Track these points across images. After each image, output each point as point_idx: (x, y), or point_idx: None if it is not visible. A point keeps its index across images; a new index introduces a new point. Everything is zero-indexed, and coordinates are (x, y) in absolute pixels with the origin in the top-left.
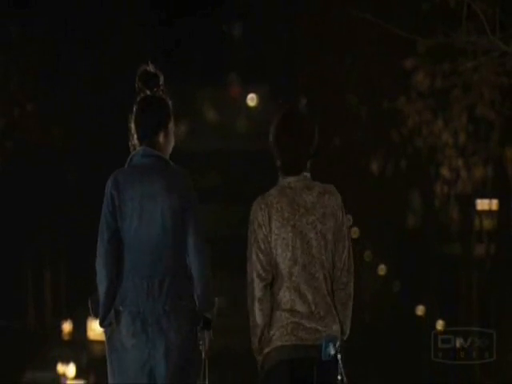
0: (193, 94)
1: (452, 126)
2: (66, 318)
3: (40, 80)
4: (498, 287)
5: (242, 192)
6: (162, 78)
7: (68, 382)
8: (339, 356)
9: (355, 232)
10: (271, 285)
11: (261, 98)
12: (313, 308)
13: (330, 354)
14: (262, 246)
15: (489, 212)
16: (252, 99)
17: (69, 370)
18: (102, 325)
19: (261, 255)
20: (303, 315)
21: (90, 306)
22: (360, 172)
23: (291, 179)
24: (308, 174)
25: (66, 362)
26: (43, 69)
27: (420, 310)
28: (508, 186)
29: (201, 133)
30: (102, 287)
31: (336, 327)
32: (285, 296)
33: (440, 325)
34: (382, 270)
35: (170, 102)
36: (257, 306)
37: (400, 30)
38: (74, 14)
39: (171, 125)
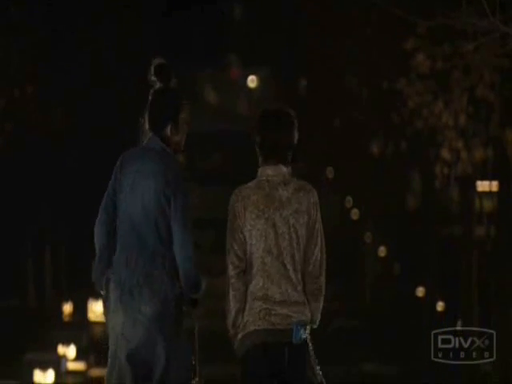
0: (193, 75)
1: (452, 108)
2: (66, 300)
3: (40, 62)
4: (498, 268)
5: (242, 173)
6: (173, 73)
7: (68, 363)
8: (309, 339)
9: (355, 214)
10: (247, 272)
11: (261, 80)
12: (285, 296)
13: (300, 338)
14: (237, 236)
15: (489, 193)
16: (252, 81)
17: (69, 351)
18: (96, 287)
19: (235, 244)
20: (275, 302)
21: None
22: (360, 153)
23: (269, 172)
24: (285, 169)
25: (67, 343)
26: (43, 51)
27: (420, 291)
28: (508, 168)
29: (201, 114)
30: (96, 251)
31: (307, 313)
32: (258, 284)
33: (440, 306)
34: (382, 251)
35: (181, 97)
36: (230, 291)
37: (400, 12)
38: None
39: (182, 115)
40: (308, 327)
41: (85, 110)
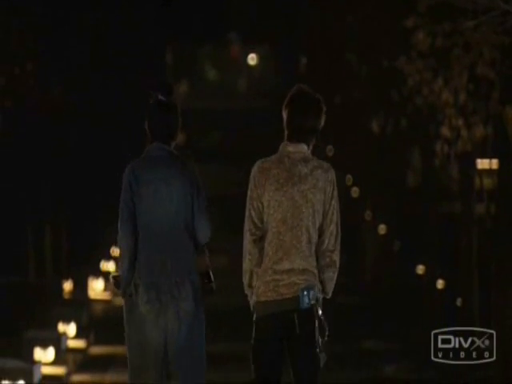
0: (194, 53)
1: (452, 86)
2: (66, 278)
3: (40, 39)
4: (498, 246)
5: (242, 151)
6: (174, 90)
7: (69, 340)
8: (318, 304)
9: (355, 191)
10: (263, 239)
11: (261, 58)
12: (294, 265)
13: (308, 303)
14: (255, 205)
15: (489, 171)
16: (252, 59)
17: (69, 329)
18: (123, 296)
19: (253, 212)
20: (283, 271)
21: (112, 280)
22: (360, 131)
23: (290, 149)
24: (306, 147)
25: (67, 321)
26: (43, 28)
27: (420, 268)
28: (508, 145)
29: (201, 92)
30: (124, 263)
31: (315, 281)
32: (271, 251)
33: (440, 284)
34: (382, 229)
35: (177, 107)
36: (247, 256)
37: None
38: None
39: (178, 127)
40: (315, 293)
41: (85, 87)
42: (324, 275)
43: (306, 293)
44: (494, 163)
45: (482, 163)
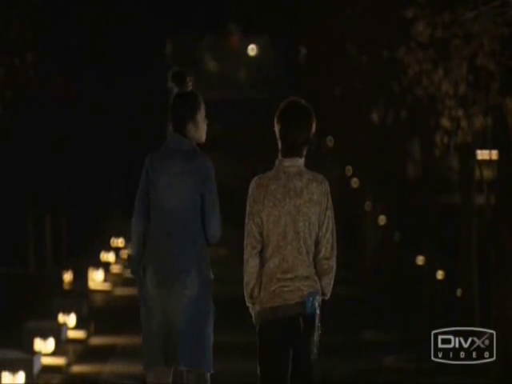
0: (194, 44)
1: (452, 76)
2: (66, 268)
3: (40, 30)
4: (498, 236)
5: (242, 141)
6: (189, 77)
7: (69, 331)
8: (318, 310)
9: (355, 182)
10: (263, 253)
11: (261, 49)
12: (296, 273)
13: (312, 308)
14: (256, 220)
15: (489, 162)
16: (252, 50)
17: (69, 319)
18: (133, 274)
19: (254, 227)
20: (287, 279)
21: (127, 258)
22: (360, 122)
23: (287, 163)
24: (301, 160)
25: (67, 311)
26: (44, 18)
27: (420, 259)
28: (508, 136)
29: (201, 83)
30: (134, 244)
31: (317, 286)
32: (274, 263)
33: (440, 275)
34: (382, 220)
35: (199, 97)
36: (248, 268)
37: None
38: None
39: (199, 116)
40: (318, 297)
41: (85, 79)
42: (322, 281)
43: (311, 298)
44: (494, 154)
45: (482, 154)
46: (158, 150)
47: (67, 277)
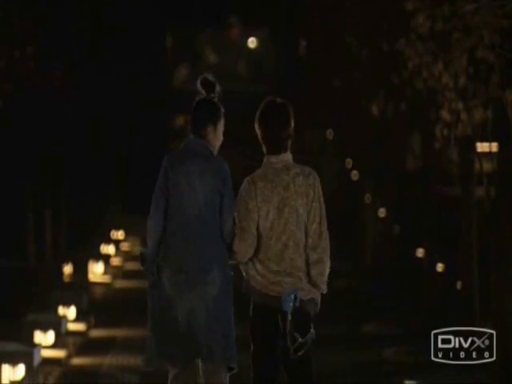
0: (194, 36)
1: (452, 69)
2: (66, 261)
3: (40, 22)
4: (498, 229)
5: (241, 134)
6: (218, 87)
7: (69, 324)
8: (295, 311)
9: (355, 175)
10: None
11: (261, 41)
12: (282, 267)
13: (289, 305)
14: (252, 216)
15: (489, 154)
16: (252, 42)
17: (69, 312)
18: (146, 272)
19: (251, 223)
20: (274, 272)
21: (140, 256)
22: (360, 114)
23: (273, 160)
24: (289, 155)
25: (67, 304)
26: (44, 10)
27: (420, 252)
28: (508, 129)
29: (200, 75)
30: (150, 242)
31: (301, 284)
32: (262, 257)
33: (440, 267)
34: (382, 212)
35: (222, 108)
36: (244, 263)
37: None
38: None
39: (220, 125)
40: (299, 295)
41: (85, 71)
42: (312, 272)
43: (290, 296)
44: (494, 146)
45: (482, 147)
46: (176, 150)
47: (67, 269)
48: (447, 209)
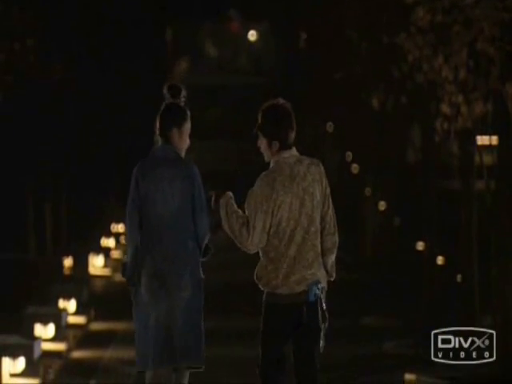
0: (194, 30)
1: (452, 62)
2: (66, 254)
3: (41, 15)
4: (498, 222)
5: (241, 127)
6: (184, 92)
7: (69, 317)
8: (322, 296)
9: (355, 168)
10: (273, 239)
11: (261, 34)
12: (303, 255)
13: (315, 295)
14: (266, 217)
15: (489, 147)
16: (253, 35)
17: (70, 305)
18: (128, 283)
19: (267, 223)
20: (295, 264)
21: (121, 267)
22: (360, 107)
23: (286, 155)
24: (295, 150)
25: (67, 297)
26: (44, 3)
27: (420, 245)
28: (508, 122)
29: (201, 68)
30: (129, 251)
31: (321, 272)
32: (282, 249)
33: (440, 260)
34: (382, 205)
35: (188, 112)
36: (241, 240)
37: None
38: None
39: (185, 128)
40: (321, 285)
41: (85, 64)
42: (327, 258)
43: (313, 287)
44: (494, 140)
45: (482, 140)
46: (145, 158)
47: (67, 262)
48: (447, 202)
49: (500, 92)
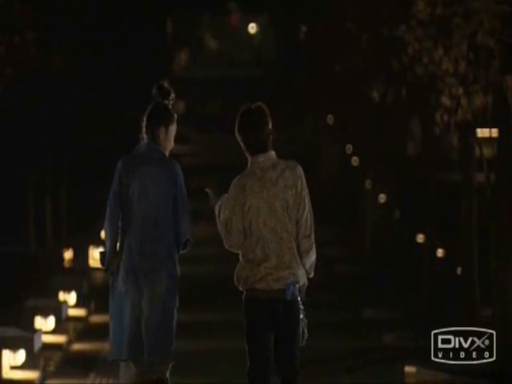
0: (194, 22)
1: (452, 54)
2: (67, 246)
3: (41, 8)
4: (498, 215)
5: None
6: (172, 95)
7: (69, 309)
8: (300, 294)
9: (355, 160)
10: (247, 243)
11: (261, 27)
12: (280, 259)
13: (292, 295)
14: (238, 216)
15: (489, 140)
16: (252, 28)
17: (70, 297)
18: (106, 272)
19: (239, 224)
20: (272, 267)
21: (99, 257)
22: (360, 100)
23: (260, 159)
24: (273, 152)
25: (67, 289)
26: None
27: (420, 237)
28: (508, 114)
29: (201, 61)
30: (107, 243)
31: (300, 272)
32: (257, 252)
33: (440, 253)
34: (382, 198)
35: (175, 115)
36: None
37: None
38: None
39: (171, 129)
40: (298, 285)
41: (85, 56)
42: (305, 260)
43: (291, 286)
44: (494, 132)
45: (482, 132)
46: (129, 155)
47: (67, 255)
48: (447, 194)
49: (500, 84)
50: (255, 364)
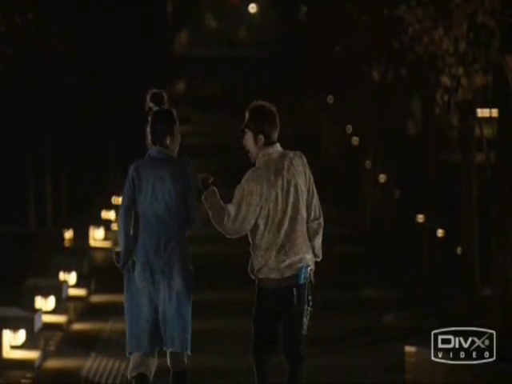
0: (194, 1)
1: (452, 34)
2: (67, 226)
3: None
4: (498, 194)
5: (242, 100)
6: (166, 98)
7: (69, 289)
8: (311, 278)
9: (355, 140)
10: (259, 229)
11: (261, 7)
12: (292, 242)
13: (305, 278)
14: (252, 209)
15: (489, 120)
16: (253, 8)
17: (70, 277)
18: (122, 270)
19: (251, 217)
20: (285, 251)
21: (115, 256)
22: (361, 80)
23: (270, 151)
24: (279, 145)
25: (68, 269)
26: None
27: (420, 217)
28: (508, 94)
29: (201, 40)
30: (121, 241)
31: (310, 255)
32: (273, 238)
33: (440, 233)
34: (382, 178)
35: (174, 112)
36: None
37: None
38: None
39: (176, 131)
40: (309, 268)
41: (85, 36)
42: (314, 242)
43: (303, 270)
44: (494, 112)
45: (482, 112)
46: (141, 158)
47: (68, 235)
48: (447, 174)
49: (500, 64)
50: (260, 348)
